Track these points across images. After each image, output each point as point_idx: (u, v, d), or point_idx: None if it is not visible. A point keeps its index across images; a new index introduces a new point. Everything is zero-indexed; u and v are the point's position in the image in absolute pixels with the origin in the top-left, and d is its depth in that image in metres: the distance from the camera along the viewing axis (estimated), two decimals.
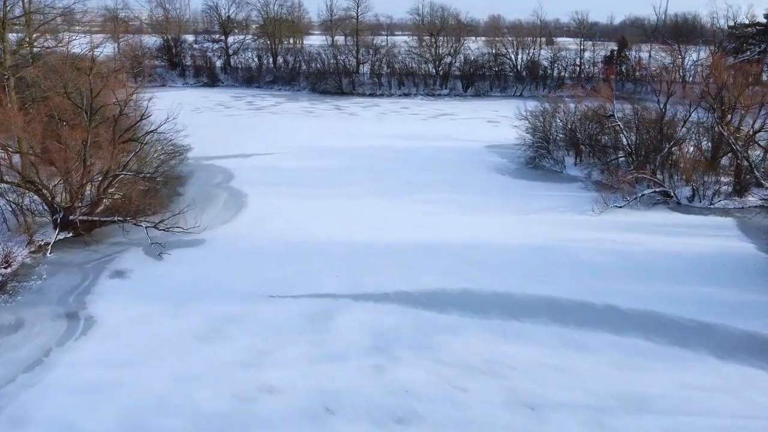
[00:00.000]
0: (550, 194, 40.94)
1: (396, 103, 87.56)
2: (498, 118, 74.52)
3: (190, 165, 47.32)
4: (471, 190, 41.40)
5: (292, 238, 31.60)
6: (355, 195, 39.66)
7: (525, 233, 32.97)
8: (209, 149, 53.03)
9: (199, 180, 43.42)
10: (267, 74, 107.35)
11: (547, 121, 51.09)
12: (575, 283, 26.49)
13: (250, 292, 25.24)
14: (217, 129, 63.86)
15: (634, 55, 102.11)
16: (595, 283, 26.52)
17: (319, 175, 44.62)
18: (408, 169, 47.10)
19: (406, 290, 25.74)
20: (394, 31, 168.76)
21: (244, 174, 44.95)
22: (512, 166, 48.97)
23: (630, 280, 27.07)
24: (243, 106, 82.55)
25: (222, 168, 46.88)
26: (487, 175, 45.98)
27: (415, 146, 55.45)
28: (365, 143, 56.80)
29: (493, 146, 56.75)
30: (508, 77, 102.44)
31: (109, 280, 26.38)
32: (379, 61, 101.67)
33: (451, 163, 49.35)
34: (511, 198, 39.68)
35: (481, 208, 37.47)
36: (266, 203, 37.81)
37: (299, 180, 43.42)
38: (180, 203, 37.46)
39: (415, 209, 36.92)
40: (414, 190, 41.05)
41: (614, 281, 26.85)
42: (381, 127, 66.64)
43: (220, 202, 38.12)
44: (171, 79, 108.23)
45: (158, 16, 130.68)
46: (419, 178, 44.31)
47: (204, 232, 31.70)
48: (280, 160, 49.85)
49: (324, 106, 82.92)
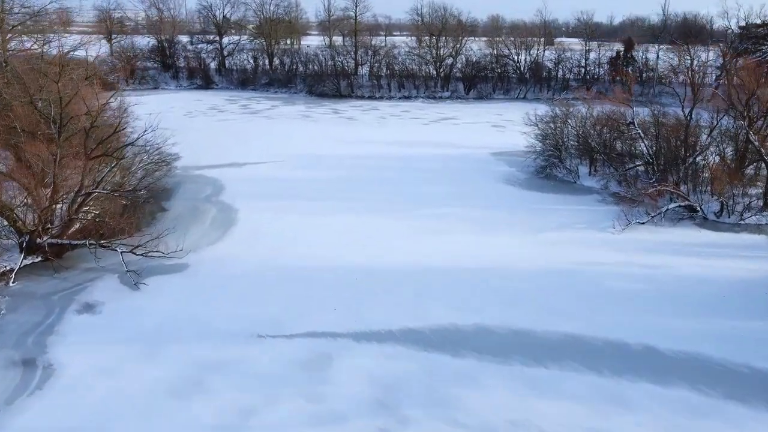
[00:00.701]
0: (565, 208, 37.90)
1: (396, 107, 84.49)
2: (503, 123, 71.50)
3: (177, 176, 44.21)
4: (480, 204, 38.34)
5: (286, 262, 28.50)
6: (355, 210, 36.57)
7: (542, 255, 29.91)
8: (199, 157, 49.91)
9: (187, 193, 40.30)
10: (263, 76, 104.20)
11: (558, 127, 48.05)
12: (604, 318, 23.43)
13: (237, 331, 22.15)
14: (209, 135, 60.74)
15: (641, 56, 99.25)
16: (626, 318, 23.47)
17: (315, 187, 41.53)
18: (411, 179, 44.04)
19: (414, 327, 22.67)
20: (393, 32, 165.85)
21: (236, 186, 41.83)
22: (522, 176, 45.91)
23: (665, 312, 24.04)
24: (237, 109, 79.42)
25: (212, 179, 43.76)
26: (496, 187, 42.91)
27: (418, 154, 52.37)
28: (365, 150, 53.71)
29: (500, 153, 53.70)
30: (511, 79, 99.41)
31: (76, 317, 23.26)
32: (379, 63, 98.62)
33: (457, 173, 46.28)
34: (523, 213, 36.62)
35: (492, 224, 34.41)
36: (258, 220, 34.71)
37: (294, 192, 40.33)
38: (164, 221, 34.39)
39: (420, 226, 33.84)
40: (418, 205, 37.99)
41: (648, 314, 23.81)
42: (381, 133, 63.57)
43: (208, 219, 35.00)
44: (164, 81, 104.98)
45: (153, 17, 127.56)
46: (424, 190, 41.25)
47: (188, 256, 28.58)
48: (275, 170, 46.74)
49: (321, 110, 79.83)
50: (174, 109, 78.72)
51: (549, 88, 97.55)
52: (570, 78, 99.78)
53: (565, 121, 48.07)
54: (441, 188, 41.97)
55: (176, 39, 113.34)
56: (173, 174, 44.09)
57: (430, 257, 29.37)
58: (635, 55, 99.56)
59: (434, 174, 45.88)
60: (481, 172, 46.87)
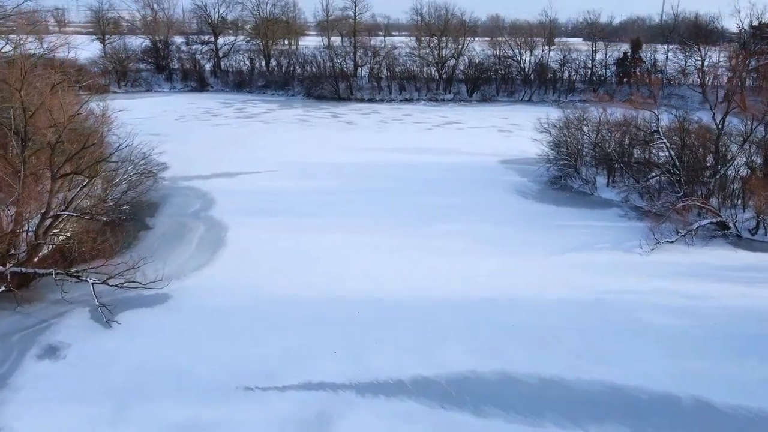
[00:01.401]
0: (584, 224, 34.79)
1: (397, 110, 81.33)
2: (509, 127, 68.41)
3: (165, 188, 41.05)
4: (492, 219, 35.21)
5: (279, 293, 25.35)
6: (356, 227, 33.42)
7: (565, 282, 26.79)
8: (190, 167, 46.73)
9: (174, 208, 37.10)
10: (259, 78, 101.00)
11: (572, 134, 44.93)
12: (647, 364, 20.32)
13: (222, 383, 19.00)
14: (201, 142, 57.52)
15: (650, 57, 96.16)
16: (672, 363, 20.37)
17: (313, 200, 38.38)
18: (416, 190, 40.90)
19: (427, 376, 19.54)
20: (393, 32, 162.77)
21: (227, 199, 38.65)
22: (535, 187, 42.78)
23: (715, 354, 20.94)
24: (232, 113, 76.19)
25: (201, 191, 40.55)
26: (508, 199, 39.78)
27: (422, 162, 49.25)
28: (365, 158, 50.58)
29: (510, 161, 50.59)
30: (515, 81, 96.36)
31: (35, 364, 20.09)
32: (379, 64, 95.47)
33: (465, 183, 43.13)
34: (540, 230, 33.49)
35: (507, 244, 31.28)
36: (249, 240, 31.54)
37: (290, 207, 37.17)
38: (146, 241, 31.23)
39: (428, 247, 30.70)
40: (425, 220, 34.84)
41: (696, 358, 20.71)
42: (382, 138, 60.43)
43: (195, 238, 31.80)
44: (157, 84, 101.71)
45: (147, 17, 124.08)
46: (430, 202, 38.11)
47: (170, 285, 25.40)
48: (270, 180, 43.56)
49: (319, 114, 76.65)
50: (166, 113, 75.56)
51: (555, 90, 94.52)
52: (576, 79, 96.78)
53: (580, 128, 44.95)
54: (448, 200, 38.82)
55: (171, 40, 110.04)
56: (160, 186, 40.96)
57: (441, 285, 26.23)
58: (643, 56, 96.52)
59: (440, 184, 42.74)
60: (490, 182, 43.73)
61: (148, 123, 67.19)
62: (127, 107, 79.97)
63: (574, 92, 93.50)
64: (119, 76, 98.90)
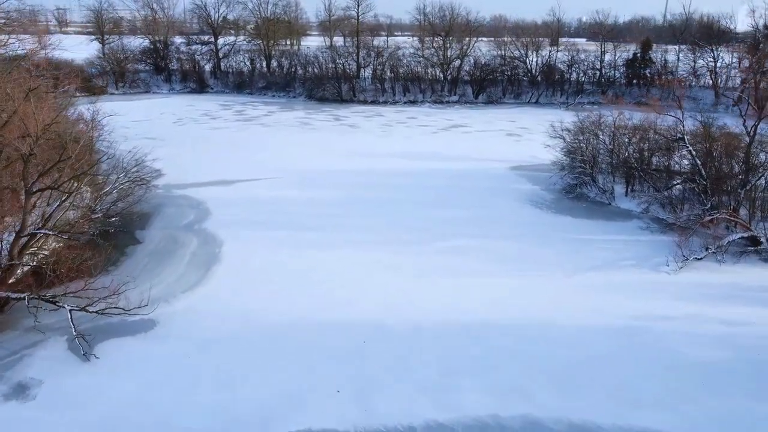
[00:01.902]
0: (604, 238, 32.49)
1: (401, 112, 79.06)
2: (517, 131, 66.09)
3: (158, 197, 38.82)
4: (505, 233, 32.91)
5: (276, 319, 23.10)
6: (360, 243, 31.15)
7: (590, 305, 24.52)
8: (185, 174, 44.50)
9: (165, 219, 34.86)
10: (260, 79, 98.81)
11: (587, 140, 42.62)
12: (687, 405, 18.02)
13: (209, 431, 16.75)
14: (198, 146, 55.27)
15: (660, 58, 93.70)
16: (716, 403, 18.08)
17: (313, 211, 36.12)
18: (422, 201, 38.63)
19: (442, 422, 17.27)
20: (396, 32, 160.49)
21: (223, 210, 36.41)
22: (549, 196, 40.48)
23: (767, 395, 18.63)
24: (231, 116, 73.97)
25: (196, 201, 38.31)
26: (521, 210, 37.49)
27: (428, 169, 46.98)
28: (369, 164, 48.31)
29: (520, 168, 48.29)
30: (521, 82, 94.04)
31: (1, 405, 17.86)
32: (382, 65, 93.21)
33: (474, 193, 40.86)
34: (557, 245, 31.21)
35: (523, 261, 29.00)
36: (246, 256, 29.29)
37: (289, 218, 34.93)
38: (134, 258, 28.99)
39: (438, 265, 28.45)
40: (433, 234, 32.55)
41: (743, 397, 18.40)
42: (387, 143, 58.16)
43: (187, 254, 29.54)
44: (156, 85, 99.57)
45: (147, 17, 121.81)
46: (438, 215, 35.83)
47: (157, 310, 23.15)
48: (269, 189, 41.31)
49: (321, 116, 74.40)
50: (164, 115, 73.41)
51: (562, 92, 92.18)
52: (584, 81, 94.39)
53: (595, 133, 42.61)
54: (457, 212, 36.56)
55: (171, 40, 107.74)
56: (153, 195, 38.71)
57: (454, 309, 23.95)
58: (653, 57, 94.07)
59: (449, 193, 40.47)
60: (501, 191, 41.43)
61: (144, 126, 65.19)
62: (124, 110, 78.02)
63: (582, 94, 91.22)
64: (117, 78, 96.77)
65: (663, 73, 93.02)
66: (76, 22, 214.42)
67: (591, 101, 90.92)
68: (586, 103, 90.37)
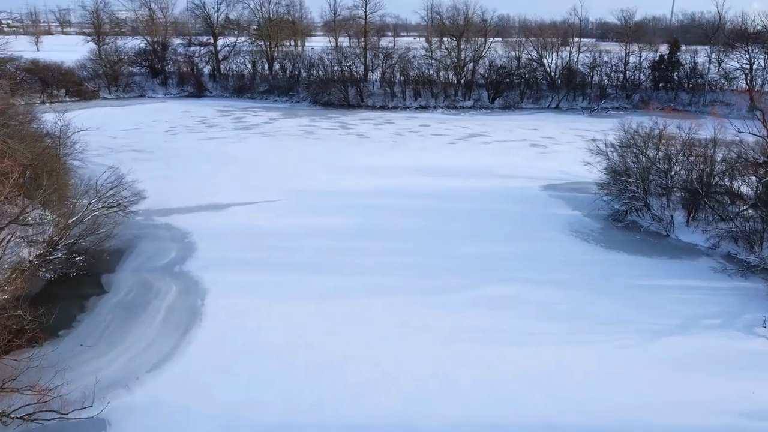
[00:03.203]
0: (675, 285, 26.54)
1: (413, 119, 73.24)
2: (542, 141, 60.14)
3: (136, 226, 33.10)
4: (548, 276, 27.04)
5: (269, 422, 17.28)
6: (376, 291, 25.34)
7: (679, 393, 18.63)
8: (171, 196, 38.75)
9: (141, 257, 29.08)
10: (261, 83, 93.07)
11: (636, 157, 36.63)
12: None
13: None
14: (190, 161, 49.49)
15: (690, 59, 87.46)
16: None
17: (319, 246, 30.31)
18: (446, 231, 32.81)
19: None
20: (403, 32, 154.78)
21: (211, 244, 30.65)
22: (594, 225, 34.55)
23: None
24: (229, 124, 68.22)
25: (181, 232, 32.54)
26: (564, 243, 31.58)
27: (449, 188, 41.14)
28: (381, 182, 42.48)
29: (554, 187, 42.37)
30: (540, 85, 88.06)
31: None
32: (392, 68, 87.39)
33: (506, 220, 35.00)
34: (616, 293, 25.35)
35: (576, 318, 23.13)
36: (234, 313, 23.49)
37: (290, 256, 29.15)
38: (92, 318, 23.18)
39: (470, 324, 22.64)
40: (464, 278, 26.70)
41: None
42: (399, 155, 52.33)
43: (161, 310, 23.75)
44: (151, 89, 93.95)
45: (144, 17, 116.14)
46: (466, 251, 30.01)
47: (109, 406, 17.35)
48: (266, 215, 35.51)
49: (327, 124, 68.60)
50: (156, 123, 67.75)
51: (584, 97, 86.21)
52: (607, 84, 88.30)
53: (644, 150, 36.59)
54: (489, 246, 30.73)
55: (170, 41, 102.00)
56: (131, 224, 33.02)
57: (508, 402, 18.09)
58: (680, 58, 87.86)
59: (475, 221, 34.61)
60: (538, 218, 35.54)
61: (133, 136, 59.61)
62: (114, 116, 72.58)
63: (605, 99, 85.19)
64: (110, 81, 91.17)
65: (692, 76, 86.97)
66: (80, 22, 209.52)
67: (615, 106, 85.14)
68: (611, 108, 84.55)
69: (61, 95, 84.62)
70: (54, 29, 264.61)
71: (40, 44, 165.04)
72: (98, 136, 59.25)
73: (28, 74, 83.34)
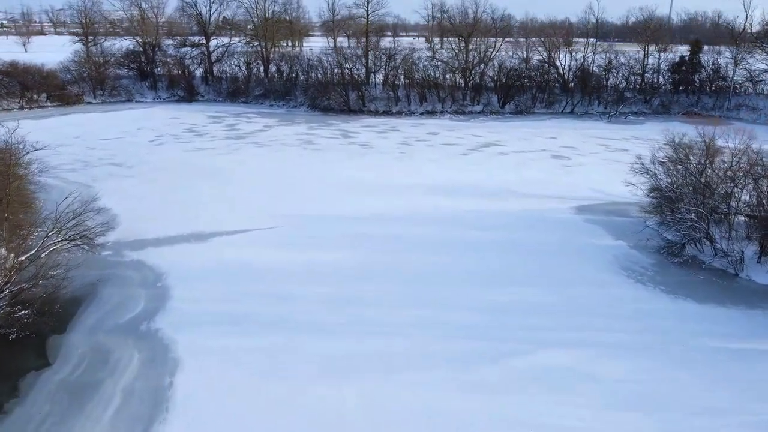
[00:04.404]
0: (765, 348, 21.23)
1: (420, 126, 67.85)
2: (563, 151, 54.76)
3: (102, 264, 27.73)
4: (608, 337, 21.66)
5: None
6: (389, 364, 19.95)
7: None
8: (147, 223, 33.31)
9: (102, 310, 23.61)
10: (257, 86, 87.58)
11: (691, 177, 31.29)
12: None
13: None
14: (173, 177, 43.99)
15: (713, 61, 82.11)
16: None
17: (320, 294, 24.90)
18: (471, 271, 27.41)
19: None
20: (405, 32, 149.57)
21: (189, 289, 25.23)
22: (645, 261, 29.14)
23: None
24: (220, 132, 62.75)
25: (154, 272, 27.09)
26: (615, 286, 26.15)
27: (466, 212, 35.77)
28: (389, 204, 37.09)
29: (587, 209, 37.02)
30: (553, 89, 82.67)
31: None
32: (395, 70, 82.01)
33: (541, 254, 29.58)
34: (699, 363, 20.04)
35: (664, 405, 17.75)
36: (210, 394, 18.11)
37: (284, 308, 23.73)
38: (23, 407, 17.73)
39: (517, 415, 17.27)
40: (496, 344, 21.28)
41: None
42: (407, 169, 46.94)
43: (115, 395, 18.24)
44: (139, 93, 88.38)
45: (135, 17, 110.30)
46: (494, 299, 24.64)
47: None
48: (257, 248, 30.08)
49: (327, 132, 63.17)
50: (141, 131, 62.27)
51: (600, 101, 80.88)
52: (623, 88, 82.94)
53: (702, 170, 31.25)
54: (524, 293, 25.33)
55: (162, 42, 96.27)
56: (96, 260, 27.64)
57: None
58: (702, 60, 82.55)
59: (505, 257, 29.20)
60: (576, 251, 30.14)
61: (113, 147, 54.17)
62: (97, 123, 67.01)
63: (623, 102, 79.85)
64: (95, 84, 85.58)
65: (715, 79, 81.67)
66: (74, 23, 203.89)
67: (634, 111, 79.85)
68: (629, 113, 79.32)
69: (41, 100, 79.02)
70: (47, 29, 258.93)
71: (29, 45, 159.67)
72: (75, 146, 54.13)
73: (6, 77, 77.68)
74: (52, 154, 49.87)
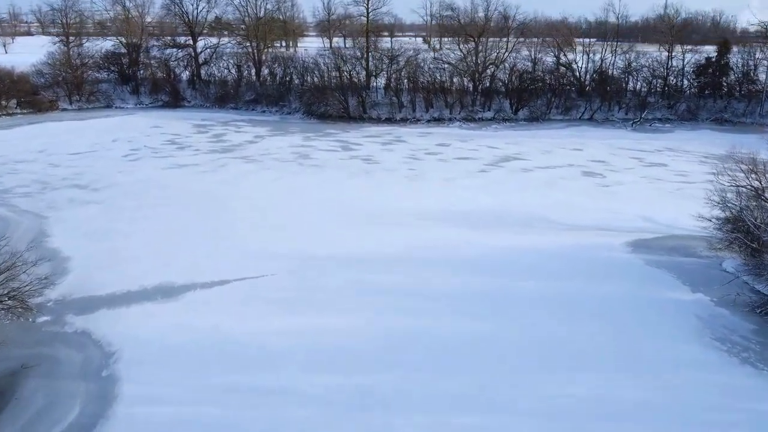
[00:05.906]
0: None
1: (427, 135, 61.28)
2: (594, 166, 48.26)
3: (35, 339, 21.01)
4: None
5: None
6: None
7: None
8: (103, 272, 26.56)
9: (20, 420, 16.91)
10: (247, 91, 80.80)
11: None
12: None
13: None
14: (143, 203, 37.15)
15: (741, 64, 75.81)
16: None
17: (329, 394, 18.32)
18: (510, 341, 20.94)
19: None
20: (401, 32, 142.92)
21: (146, 385, 18.51)
22: (740, 325, 22.59)
23: None
24: (205, 143, 56.00)
25: (101, 353, 20.33)
26: (708, 367, 19.65)
27: (497, 251, 29.22)
28: (404, 242, 30.42)
29: (643, 245, 30.49)
30: (569, 93, 76.24)
31: None
32: (398, 73, 75.42)
33: (598, 315, 23.03)
34: None
35: None
36: None
37: (278, 413, 17.13)
38: None
39: None
40: None
41: None
42: (419, 191, 40.37)
43: None
44: (120, 98, 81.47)
45: (118, 16, 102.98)
46: (562, 391, 18.14)
47: None
48: (240, 314, 23.32)
49: (325, 144, 56.53)
50: (116, 143, 55.47)
51: (620, 106, 74.50)
52: (645, 92, 76.59)
53: None
54: (603, 383, 18.80)
55: (146, 43, 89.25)
56: (30, 331, 20.97)
57: None
58: (730, 62, 76.28)
59: (559, 318, 22.66)
60: (644, 309, 23.58)
61: (81, 163, 47.42)
62: (68, 134, 60.15)
63: (646, 108, 73.49)
64: (71, 89, 78.58)
65: (744, 82, 75.46)
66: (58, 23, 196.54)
67: (659, 118, 73.50)
68: (653, 120, 72.99)
69: (11, 107, 72.04)
70: (34, 30, 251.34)
71: (10, 46, 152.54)
72: (37, 163, 47.36)
73: None
74: (5, 173, 43.52)
